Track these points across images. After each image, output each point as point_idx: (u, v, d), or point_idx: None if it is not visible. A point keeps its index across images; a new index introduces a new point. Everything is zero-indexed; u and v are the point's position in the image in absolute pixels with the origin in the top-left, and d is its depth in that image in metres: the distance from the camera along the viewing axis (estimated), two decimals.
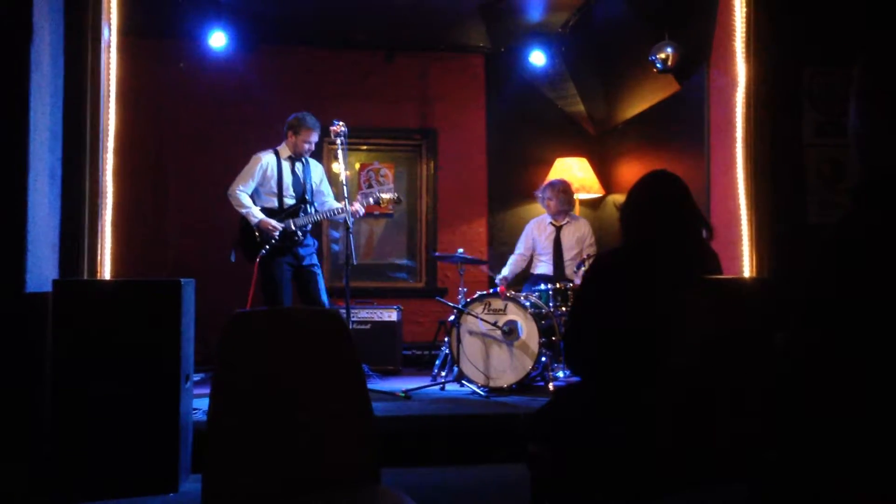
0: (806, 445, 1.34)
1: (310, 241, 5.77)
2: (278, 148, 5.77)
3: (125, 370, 3.62)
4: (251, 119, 7.01)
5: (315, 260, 5.78)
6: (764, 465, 1.42)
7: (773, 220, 4.40)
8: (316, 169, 5.94)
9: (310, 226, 5.73)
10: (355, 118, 5.79)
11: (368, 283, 7.31)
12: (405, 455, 4.08)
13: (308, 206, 5.77)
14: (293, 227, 5.61)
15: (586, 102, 7.57)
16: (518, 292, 5.78)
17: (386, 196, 5.71)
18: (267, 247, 5.51)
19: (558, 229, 6.49)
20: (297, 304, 5.68)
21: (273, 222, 5.56)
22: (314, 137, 5.72)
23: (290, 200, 5.73)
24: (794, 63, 4.45)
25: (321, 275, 5.79)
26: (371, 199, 5.70)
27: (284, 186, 5.71)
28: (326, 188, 5.98)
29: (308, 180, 5.79)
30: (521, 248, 6.61)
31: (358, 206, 5.59)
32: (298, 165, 5.78)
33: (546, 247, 6.50)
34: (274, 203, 5.71)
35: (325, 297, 5.74)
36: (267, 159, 5.72)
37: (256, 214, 5.59)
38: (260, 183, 5.70)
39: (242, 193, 5.64)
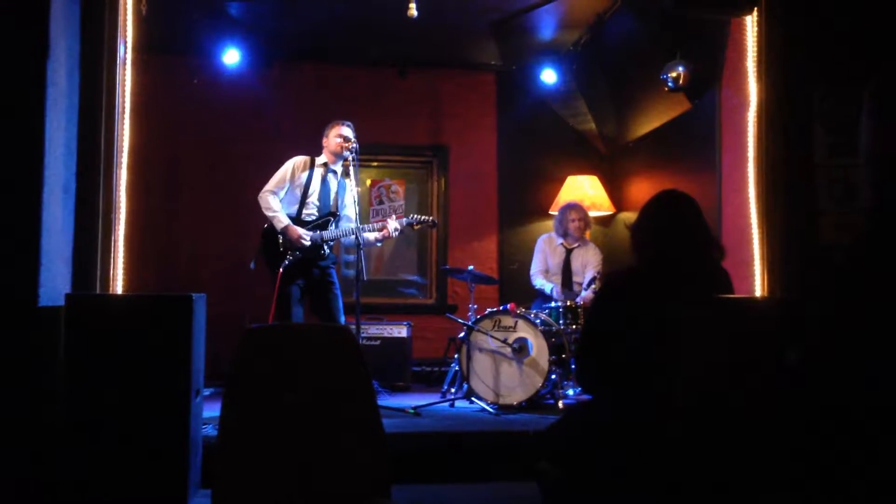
0: (819, 470, 1.34)
1: (332, 256, 5.55)
2: (316, 157, 5.57)
3: (136, 385, 3.61)
4: (264, 135, 7.05)
5: (333, 277, 5.52)
6: (774, 488, 1.42)
7: (785, 239, 4.38)
8: (352, 189, 5.47)
9: (332, 243, 5.50)
10: (367, 134, 5.77)
11: (378, 300, 7.30)
12: (415, 472, 4.05)
13: (338, 221, 5.53)
14: (322, 241, 5.41)
15: (597, 120, 7.60)
16: (528, 310, 5.77)
17: (421, 217, 5.61)
18: (290, 257, 5.30)
19: (569, 252, 6.49)
20: (310, 320, 5.55)
21: (301, 231, 5.33)
22: (345, 131, 5.47)
23: (311, 211, 5.46)
24: (806, 83, 4.44)
25: (338, 290, 5.53)
26: (406, 221, 5.54)
27: (309, 194, 5.44)
28: (353, 212, 5.44)
29: (341, 195, 5.51)
30: (539, 265, 6.60)
31: (392, 226, 5.43)
32: (333, 178, 5.56)
33: (555, 267, 6.50)
34: (293, 211, 5.45)
35: (340, 315, 5.50)
36: (300, 161, 5.51)
37: (283, 219, 5.33)
38: (289, 186, 5.47)
39: (273, 196, 5.40)
